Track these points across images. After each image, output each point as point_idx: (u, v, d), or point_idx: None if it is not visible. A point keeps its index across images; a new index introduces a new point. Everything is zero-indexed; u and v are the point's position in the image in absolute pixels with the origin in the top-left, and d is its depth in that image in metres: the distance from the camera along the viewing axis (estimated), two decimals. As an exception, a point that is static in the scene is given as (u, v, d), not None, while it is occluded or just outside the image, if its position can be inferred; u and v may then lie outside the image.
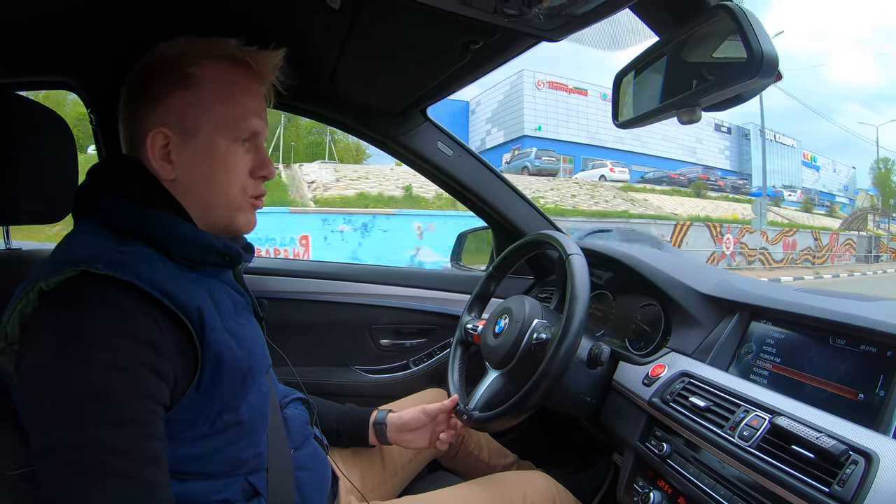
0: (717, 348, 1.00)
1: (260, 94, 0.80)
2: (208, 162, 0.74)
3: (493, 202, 1.60)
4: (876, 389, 0.76)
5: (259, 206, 0.81)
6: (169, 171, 0.74)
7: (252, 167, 0.78)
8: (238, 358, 0.71)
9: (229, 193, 0.76)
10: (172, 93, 0.73)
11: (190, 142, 0.73)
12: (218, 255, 0.76)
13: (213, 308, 0.70)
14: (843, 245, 25.02)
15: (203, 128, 0.74)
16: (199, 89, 0.73)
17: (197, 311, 0.66)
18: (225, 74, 0.75)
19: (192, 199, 0.75)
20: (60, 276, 0.60)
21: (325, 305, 1.59)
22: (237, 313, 0.79)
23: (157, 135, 0.72)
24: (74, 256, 0.62)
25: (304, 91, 1.31)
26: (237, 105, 0.76)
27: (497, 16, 0.78)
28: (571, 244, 1.05)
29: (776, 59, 0.61)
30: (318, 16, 0.92)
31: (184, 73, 0.73)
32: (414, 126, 1.47)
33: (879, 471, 0.63)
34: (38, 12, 0.86)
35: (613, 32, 0.84)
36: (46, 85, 1.21)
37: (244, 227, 0.80)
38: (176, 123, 0.73)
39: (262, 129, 0.79)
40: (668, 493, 0.93)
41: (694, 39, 0.72)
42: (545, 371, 0.92)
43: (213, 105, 0.74)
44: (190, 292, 0.67)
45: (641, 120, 0.83)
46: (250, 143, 0.78)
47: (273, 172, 0.81)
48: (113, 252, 0.64)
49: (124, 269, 0.61)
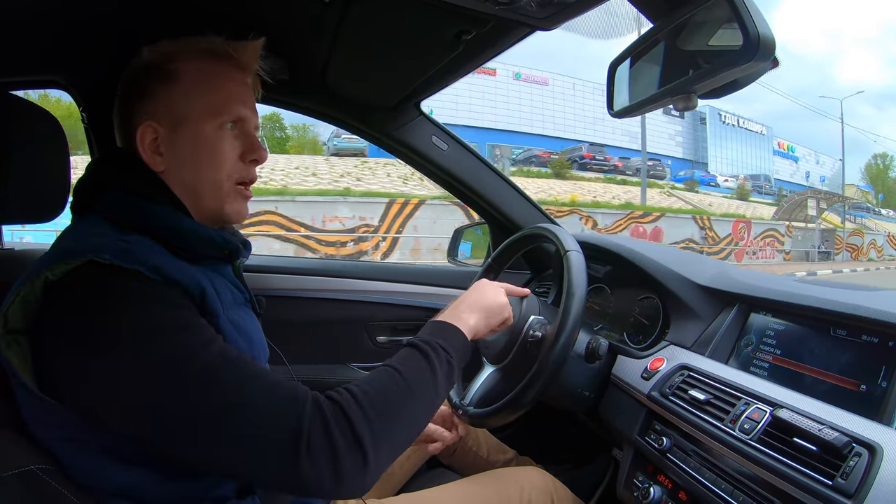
0: (716, 341, 0.99)
1: (244, 83, 0.81)
2: (195, 148, 0.76)
3: (489, 196, 1.59)
4: (878, 380, 0.75)
5: (248, 194, 0.82)
6: (159, 163, 0.75)
7: (242, 151, 0.79)
8: (241, 348, 0.72)
9: (216, 179, 0.77)
10: (158, 88, 0.75)
11: (177, 132, 0.75)
12: (217, 249, 0.77)
13: (215, 296, 0.71)
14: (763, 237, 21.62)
15: (188, 116, 0.75)
16: (182, 82, 0.75)
17: (201, 294, 0.68)
18: (207, 66, 0.77)
19: (182, 187, 0.76)
20: (66, 266, 0.60)
21: (321, 302, 1.58)
22: (237, 307, 0.80)
23: (147, 129, 0.74)
24: (79, 247, 0.62)
25: (296, 86, 1.30)
26: (220, 91, 0.77)
27: (489, 5, 0.77)
28: (570, 239, 1.04)
29: (773, 41, 0.59)
30: (309, 9, 0.91)
31: (168, 69, 0.75)
32: (408, 120, 1.45)
33: (883, 462, 0.62)
34: (29, 13, 0.85)
35: (607, 21, 0.83)
36: (38, 84, 1.21)
37: (234, 216, 0.81)
38: (163, 116, 0.75)
39: (248, 116, 0.80)
40: (668, 487, 0.92)
41: (690, 25, 0.71)
42: (540, 369, 0.92)
43: (196, 94, 0.75)
44: (194, 276, 0.68)
45: (637, 108, 0.81)
46: (238, 129, 0.79)
47: (265, 156, 0.81)
48: (117, 241, 0.64)
49: (129, 257, 0.62)
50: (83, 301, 0.60)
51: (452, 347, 0.78)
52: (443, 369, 0.75)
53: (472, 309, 0.88)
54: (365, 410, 0.63)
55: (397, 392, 0.68)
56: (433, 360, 0.74)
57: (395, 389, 0.68)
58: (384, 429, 0.64)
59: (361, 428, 0.61)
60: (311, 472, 0.58)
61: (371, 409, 0.63)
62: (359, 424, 0.61)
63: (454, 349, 0.79)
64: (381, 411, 0.64)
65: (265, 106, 1.38)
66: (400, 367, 0.71)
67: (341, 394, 0.64)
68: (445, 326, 0.82)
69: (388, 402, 0.66)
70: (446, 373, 0.75)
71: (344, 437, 0.60)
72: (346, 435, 0.61)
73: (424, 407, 0.73)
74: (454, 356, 0.78)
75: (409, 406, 0.69)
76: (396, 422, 0.67)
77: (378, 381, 0.68)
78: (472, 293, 0.92)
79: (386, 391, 0.67)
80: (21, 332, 0.61)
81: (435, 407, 0.76)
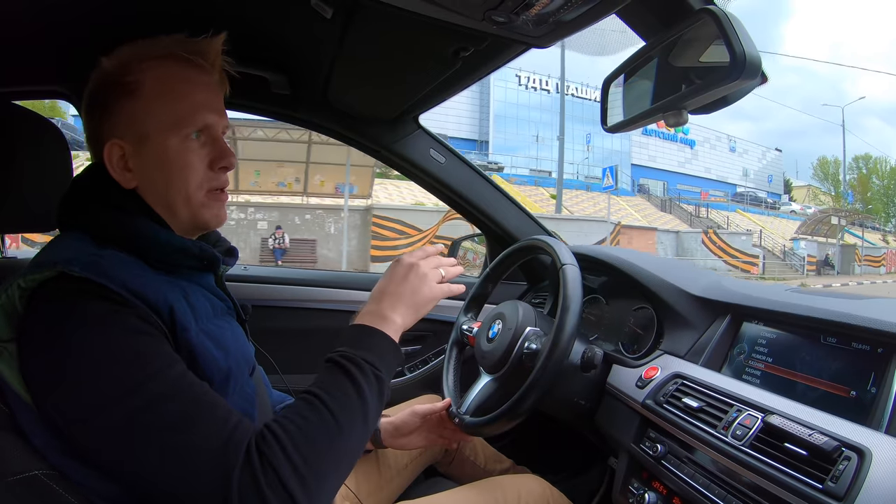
0: (709, 349, 1.01)
1: (208, 85, 0.78)
2: (163, 164, 0.74)
3: (486, 209, 1.61)
4: (867, 386, 0.77)
5: (223, 198, 0.81)
6: (129, 180, 0.74)
7: (210, 160, 0.77)
8: (215, 358, 0.71)
9: (188, 191, 0.76)
10: (119, 104, 0.73)
11: (143, 148, 0.74)
12: (194, 259, 0.76)
13: (187, 309, 0.70)
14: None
15: (152, 132, 0.73)
16: (142, 96, 0.73)
17: (168, 311, 0.66)
18: (166, 74, 0.75)
19: (156, 202, 0.75)
20: (38, 276, 0.62)
21: (317, 313, 1.59)
22: (216, 316, 0.78)
23: (113, 147, 0.73)
24: (53, 258, 0.63)
25: (298, 100, 1.32)
26: (183, 101, 0.75)
27: (486, 23, 0.79)
28: (566, 253, 1.05)
29: (759, 61, 0.62)
30: (311, 25, 0.93)
31: (125, 83, 0.73)
32: (406, 133, 1.48)
33: (872, 466, 0.63)
34: (33, 25, 0.87)
35: (600, 38, 0.85)
36: (42, 94, 1.22)
37: (212, 221, 0.80)
38: (126, 133, 0.73)
39: (214, 121, 0.78)
40: (662, 493, 0.93)
41: (681, 43, 0.74)
42: (534, 382, 0.93)
43: (157, 108, 0.74)
44: (162, 292, 0.67)
45: (631, 123, 0.84)
46: (205, 136, 0.77)
47: (233, 162, 0.79)
48: (89, 255, 0.65)
49: (98, 271, 0.62)
50: (50, 314, 0.61)
51: (379, 359, 0.73)
52: (371, 389, 0.70)
53: (396, 304, 0.80)
54: (291, 459, 0.61)
55: (324, 432, 0.65)
56: (359, 381, 0.69)
57: (322, 428, 0.65)
58: (313, 473, 0.62)
59: (289, 479, 0.60)
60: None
61: (297, 456, 0.61)
62: (286, 476, 0.60)
63: (382, 360, 0.73)
64: (307, 457, 0.62)
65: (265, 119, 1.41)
66: (325, 396, 0.67)
67: (266, 440, 0.62)
68: (369, 333, 0.76)
69: (315, 444, 0.64)
70: (376, 392, 0.71)
71: (273, 490, 0.59)
72: (274, 488, 0.59)
73: (354, 440, 0.69)
74: (382, 369, 0.73)
75: (338, 443, 0.66)
76: (326, 464, 0.64)
77: (303, 419, 0.65)
78: (393, 283, 0.83)
79: (312, 432, 0.64)
80: (9, 341, 0.62)
81: (367, 434, 0.71)
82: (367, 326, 0.77)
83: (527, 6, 0.70)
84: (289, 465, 0.60)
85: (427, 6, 0.75)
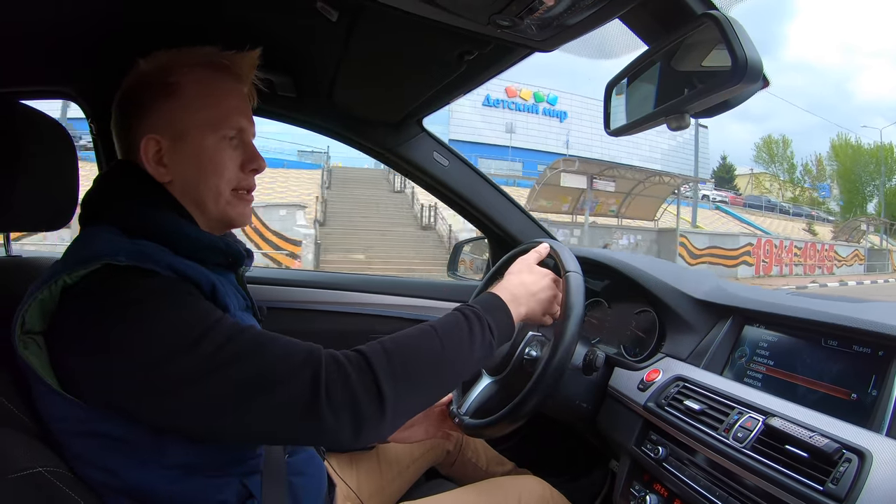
0: (711, 352, 1.01)
1: (241, 94, 0.83)
2: (198, 161, 0.78)
3: (488, 212, 1.62)
4: (868, 389, 0.77)
5: (249, 199, 0.85)
6: (164, 174, 0.78)
7: (242, 162, 0.82)
8: None
9: (219, 188, 0.79)
10: (158, 103, 0.77)
11: (179, 144, 0.77)
12: (221, 255, 0.79)
13: (225, 294, 0.74)
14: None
15: (190, 130, 0.77)
16: (182, 95, 0.77)
17: (212, 289, 0.71)
18: (205, 78, 0.79)
19: (186, 197, 0.79)
20: (84, 270, 0.63)
21: (323, 315, 1.59)
22: (241, 312, 0.82)
23: (150, 142, 0.76)
24: (94, 252, 0.65)
25: (302, 103, 1.33)
26: (220, 105, 0.79)
27: (490, 27, 0.79)
28: (570, 259, 1.03)
29: (760, 65, 0.62)
30: (316, 28, 0.94)
31: (167, 83, 0.77)
32: (410, 136, 1.48)
33: (873, 468, 0.64)
34: (39, 25, 0.88)
35: (604, 42, 0.86)
36: (48, 94, 1.23)
37: (238, 219, 0.83)
38: (165, 129, 0.77)
39: (247, 127, 0.82)
40: (664, 496, 0.93)
41: (683, 47, 0.74)
42: (534, 387, 0.93)
43: (197, 108, 0.78)
44: (204, 273, 0.71)
45: (633, 127, 0.84)
46: (238, 140, 0.81)
47: (263, 165, 0.84)
48: (130, 245, 0.67)
49: (145, 258, 0.65)
50: (102, 301, 0.62)
51: (499, 329, 0.79)
52: (483, 346, 0.76)
53: (529, 298, 0.88)
54: (393, 365, 0.66)
55: (430, 353, 0.71)
56: (476, 333, 0.76)
57: (428, 350, 0.71)
58: (408, 386, 0.67)
59: (384, 381, 0.64)
60: (331, 422, 0.61)
61: (398, 365, 0.66)
62: (382, 377, 0.64)
63: (499, 331, 0.80)
64: (407, 368, 0.67)
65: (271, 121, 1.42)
66: (440, 329, 0.73)
67: (371, 346, 0.67)
68: (501, 307, 0.83)
69: (418, 360, 0.69)
70: (484, 351, 0.77)
71: (364, 388, 0.63)
72: (367, 386, 0.63)
73: (453, 374, 0.74)
74: (496, 339, 0.79)
75: (438, 369, 0.71)
76: (421, 381, 0.69)
77: (413, 338, 0.71)
78: (533, 280, 0.91)
79: (418, 350, 0.70)
80: (38, 333, 0.63)
81: (462, 377, 0.78)
82: (503, 302, 0.84)
83: (531, 10, 0.71)
84: (388, 368, 0.65)
85: (432, 9, 0.76)
